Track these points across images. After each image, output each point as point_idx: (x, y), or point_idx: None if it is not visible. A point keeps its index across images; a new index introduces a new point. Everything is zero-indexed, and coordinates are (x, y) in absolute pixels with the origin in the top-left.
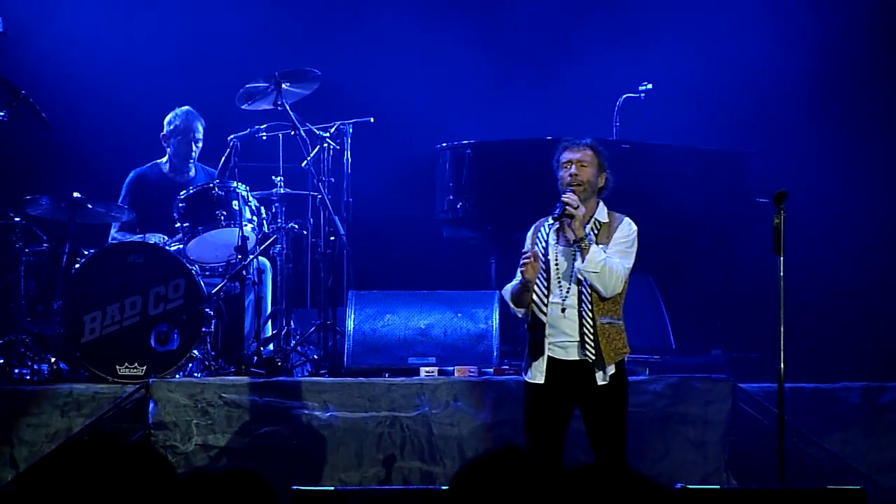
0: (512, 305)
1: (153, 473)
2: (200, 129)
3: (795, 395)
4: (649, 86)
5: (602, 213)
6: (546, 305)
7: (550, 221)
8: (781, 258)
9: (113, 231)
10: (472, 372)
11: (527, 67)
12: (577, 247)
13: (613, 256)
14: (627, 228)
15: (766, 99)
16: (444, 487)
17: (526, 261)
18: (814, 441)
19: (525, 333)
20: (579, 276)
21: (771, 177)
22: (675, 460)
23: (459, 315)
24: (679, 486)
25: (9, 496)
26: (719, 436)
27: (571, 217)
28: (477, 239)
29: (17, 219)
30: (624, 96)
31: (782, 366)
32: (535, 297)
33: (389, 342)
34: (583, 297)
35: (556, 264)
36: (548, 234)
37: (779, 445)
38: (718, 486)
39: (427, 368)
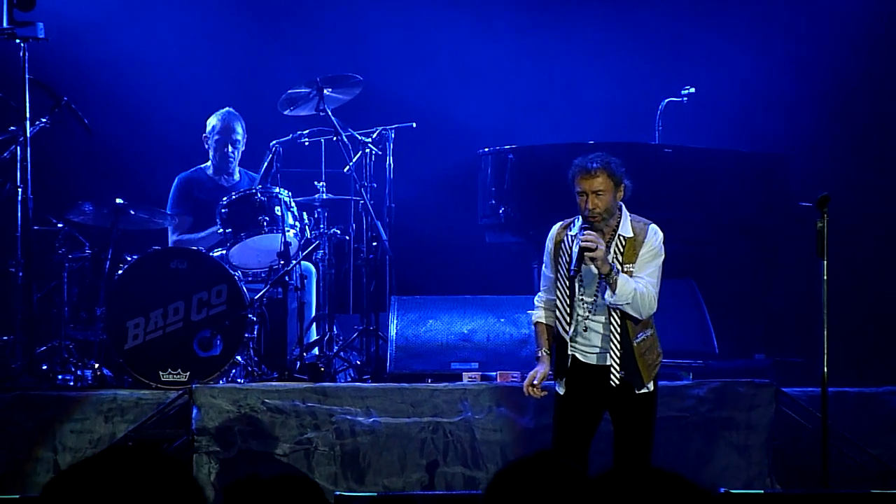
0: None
1: (172, 483)
2: (240, 129)
3: (839, 400)
4: (692, 90)
5: (626, 227)
6: (569, 324)
7: (578, 236)
8: (825, 262)
9: (173, 237)
10: (515, 377)
11: (568, 71)
12: (604, 282)
13: (642, 278)
14: (653, 239)
15: (808, 101)
16: None
17: (532, 391)
18: (857, 445)
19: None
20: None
21: (813, 180)
22: (719, 465)
23: (502, 320)
24: (722, 490)
25: (31, 502)
26: (763, 440)
27: (594, 259)
28: (519, 244)
29: (59, 225)
30: (666, 100)
31: (826, 370)
32: (557, 313)
33: (432, 347)
34: (613, 320)
35: (581, 282)
36: (571, 248)
37: (822, 450)
38: (762, 491)
39: (470, 374)
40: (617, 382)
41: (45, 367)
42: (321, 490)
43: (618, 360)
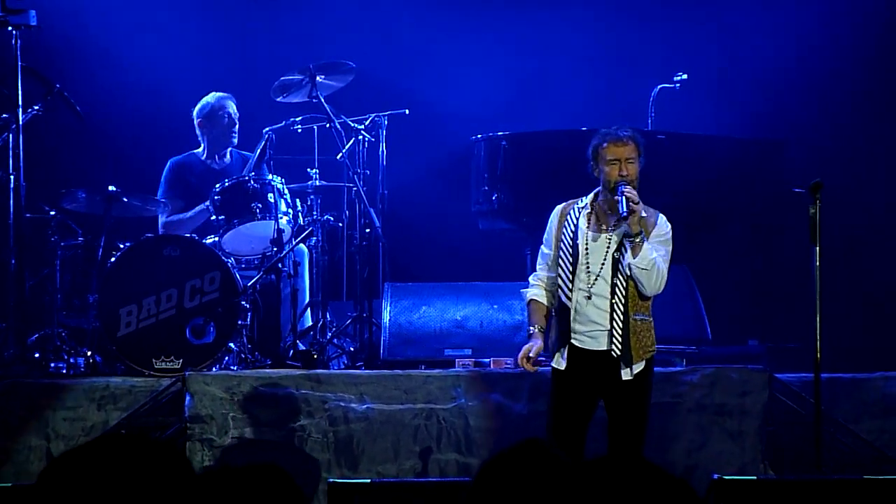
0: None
1: (168, 470)
2: (233, 106)
3: (832, 385)
4: (684, 76)
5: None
6: (571, 292)
7: (587, 206)
8: (817, 248)
9: (163, 218)
10: (509, 363)
11: (561, 58)
12: (629, 241)
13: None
14: (664, 226)
15: (802, 87)
16: None
17: (525, 365)
18: (851, 431)
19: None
20: (616, 268)
21: (807, 166)
22: (713, 451)
23: (495, 307)
24: (716, 476)
25: (25, 490)
26: (756, 426)
27: (633, 212)
28: (512, 230)
29: (52, 212)
30: (659, 87)
31: (819, 355)
32: (560, 282)
33: (425, 334)
34: (617, 290)
35: (587, 251)
36: (577, 219)
37: (815, 435)
38: (755, 477)
39: (463, 360)
40: (618, 353)
41: (37, 355)
42: (291, 478)
43: (619, 330)
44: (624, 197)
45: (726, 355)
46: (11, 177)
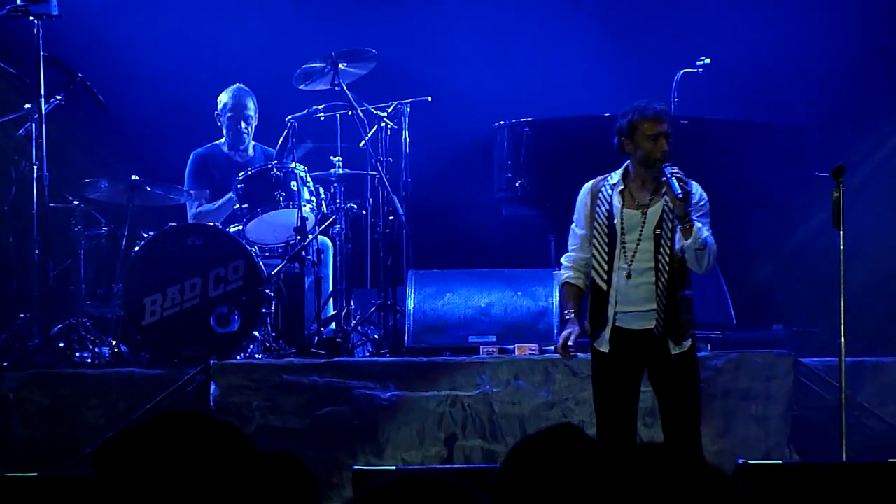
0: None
1: (229, 448)
2: (251, 105)
3: (856, 369)
4: (707, 60)
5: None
6: (608, 273)
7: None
8: (841, 232)
9: (192, 210)
10: (533, 350)
11: (583, 43)
12: (679, 224)
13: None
14: (703, 195)
15: (826, 71)
16: None
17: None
18: (875, 415)
19: (586, 300)
20: (658, 245)
21: (830, 150)
22: (738, 436)
23: (519, 293)
24: (741, 461)
25: (79, 479)
26: (781, 411)
27: (686, 194)
28: (536, 217)
29: (75, 202)
30: (682, 71)
31: (843, 340)
32: (595, 263)
33: (450, 321)
34: (660, 268)
35: (623, 229)
36: (611, 197)
37: (840, 419)
38: (780, 461)
39: (487, 347)
40: (666, 329)
41: (62, 345)
42: (302, 463)
43: (665, 307)
44: (675, 178)
45: (751, 340)
46: (34, 167)
